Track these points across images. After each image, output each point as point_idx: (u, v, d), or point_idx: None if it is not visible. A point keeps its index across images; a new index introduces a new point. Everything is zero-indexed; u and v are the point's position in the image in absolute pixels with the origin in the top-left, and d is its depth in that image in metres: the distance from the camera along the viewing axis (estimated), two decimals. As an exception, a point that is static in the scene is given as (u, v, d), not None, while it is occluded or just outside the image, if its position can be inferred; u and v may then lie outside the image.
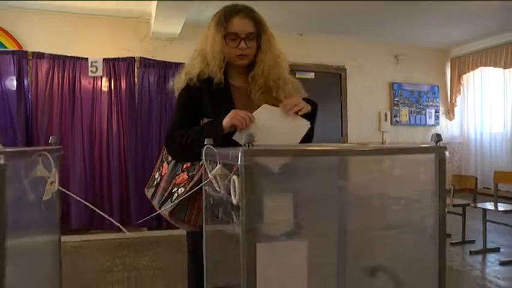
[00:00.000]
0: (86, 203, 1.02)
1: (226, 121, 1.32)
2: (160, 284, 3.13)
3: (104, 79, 4.62)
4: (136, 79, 4.70)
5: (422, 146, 1.08)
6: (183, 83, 1.51)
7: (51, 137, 1.16)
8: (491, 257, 3.67)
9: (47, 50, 4.52)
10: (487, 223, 3.84)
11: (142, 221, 3.68)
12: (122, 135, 4.61)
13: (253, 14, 1.50)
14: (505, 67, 6.57)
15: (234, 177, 0.82)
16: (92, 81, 4.59)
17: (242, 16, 1.46)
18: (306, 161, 1.05)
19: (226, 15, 1.46)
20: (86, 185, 4.45)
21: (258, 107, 1.40)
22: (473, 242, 4.10)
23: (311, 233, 1.19)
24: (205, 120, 1.45)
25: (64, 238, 3.97)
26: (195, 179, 1.36)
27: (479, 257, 3.71)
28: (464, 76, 7.38)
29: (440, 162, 0.99)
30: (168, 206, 1.37)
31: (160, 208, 1.41)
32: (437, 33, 6.51)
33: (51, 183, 0.91)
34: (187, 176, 1.40)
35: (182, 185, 1.39)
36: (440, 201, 1.00)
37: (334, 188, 1.20)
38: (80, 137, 4.47)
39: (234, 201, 0.82)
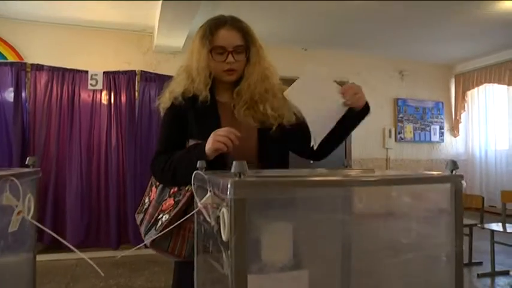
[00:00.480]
0: (49, 231, 0.92)
1: (208, 148, 1.20)
2: (155, 305, 3.01)
3: (103, 92, 4.56)
4: (136, 93, 4.64)
5: (437, 174, 0.98)
6: (168, 103, 1.41)
7: (28, 158, 1.06)
8: (501, 281, 3.53)
9: (47, 61, 4.48)
10: (495, 244, 3.71)
11: (123, 254, 3.59)
12: (121, 150, 4.53)
13: (241, 24, 1.38)
14: (509, 84, 6.53)
15: (224, 210, 0.72)
16: (91, 94, 4.53)
17: (229, 28, 1.35)
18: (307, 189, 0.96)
19: (212, 28, 1.35)
20: (83, 199, 4.35)
21: (242, 124, 1.30)
22: (480, 263, 3.95)
23: (312, 263, 1.09)
24: (191, 141, 1.35)
25: (59, 256, 3.90)
26: (180, 204, 1.25)
27: (488, 281, 3.56)
28: (469, 92, 7.32)
29: (457, 193, 0.89)
30: (152, 235, 1.25)
31: (145, 236, 1.29)
32: (442, 49, 6.46)
33: (19, 212, 0.81)
34: (173, 202, 1.28)
35: (167, 211, 1.27)
36: (457, 236, 0.89)
37: (338, 216, 1.10)
38: (78, 151, 4.38)
39: (224, 238, 0.72)
